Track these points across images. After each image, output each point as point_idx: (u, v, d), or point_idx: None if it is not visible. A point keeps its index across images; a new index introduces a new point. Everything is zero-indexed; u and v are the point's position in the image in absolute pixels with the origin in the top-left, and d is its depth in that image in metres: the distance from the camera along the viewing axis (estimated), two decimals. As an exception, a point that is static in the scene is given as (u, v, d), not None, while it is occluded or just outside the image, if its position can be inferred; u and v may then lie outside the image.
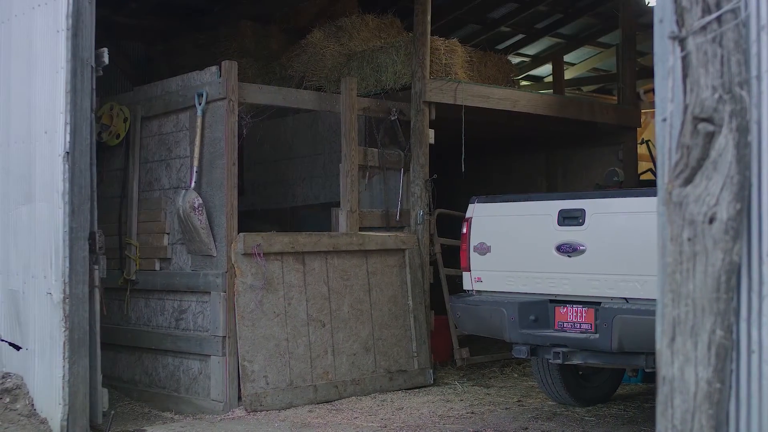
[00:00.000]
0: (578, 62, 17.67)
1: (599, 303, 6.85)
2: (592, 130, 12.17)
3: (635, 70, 12.52)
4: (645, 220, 6.65)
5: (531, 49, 16.87)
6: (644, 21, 13.96)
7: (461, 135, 10.03)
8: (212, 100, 8.44)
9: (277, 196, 11.35)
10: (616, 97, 17.50)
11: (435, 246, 10.05)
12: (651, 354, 6.67)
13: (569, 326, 7.09)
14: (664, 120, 3.65)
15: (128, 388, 9.22)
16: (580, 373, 8.47)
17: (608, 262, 6.82)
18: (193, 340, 8.55)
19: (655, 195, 6.90)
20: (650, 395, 8.94)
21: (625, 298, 6.74)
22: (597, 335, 6.76)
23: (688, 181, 3.43)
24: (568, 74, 18.16)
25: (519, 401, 8.79)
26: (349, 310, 9.04)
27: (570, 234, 7.05)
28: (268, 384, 8.33)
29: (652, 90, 18.67)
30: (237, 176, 8.42)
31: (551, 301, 7.22)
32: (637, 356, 6.74)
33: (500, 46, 15.62)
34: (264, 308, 8.40)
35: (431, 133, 9.94)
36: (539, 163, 13.24)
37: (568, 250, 7.03)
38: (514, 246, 7.47)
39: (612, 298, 6.82)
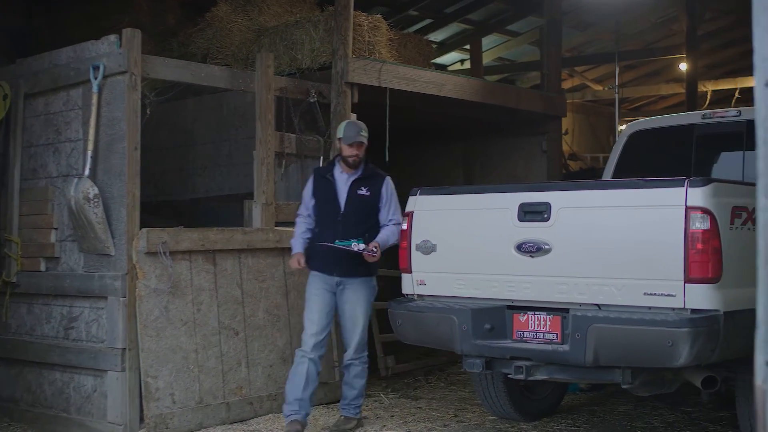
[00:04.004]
0: (483, 51, 16.98)
1: (567, 310, 6.00)
2: (514, 119, 11.40)
3: (560, 56, 11.80)
4: (622, 215, 5.87)
5: (438, 36, 16.10)
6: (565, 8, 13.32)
7: (381, 121, 9.07)
8: (111, 74, 7.27)
9: (174, 187, 10.20)
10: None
11: (357, 243, 9.07)
12: (628, 369, 5.89)
13: (530, 336, 6.21)
14: (769, 85, 2.71)
15: (8, 408, 7.97)
16: (523, 384, 7.63)
17: (579, 263, 5.97)
18: (85, 352, 7.37)
19: (630, 187, 6.16)
20: (594, 406, 8.21)
21: (597, 305, 5.91)
22: (567, 347, 5.91)
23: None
24: (471, 63, 17.49)
25: (456, 416, 7.91)
26: (264, 316, 7.99)
27: (533, 231, 6.17)
28: (174, 403, 7.22)
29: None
30: (140, 162, 7.27)
31: (509, 307, 6.34)
32: (611, 371, 5.92)
33: (406, 31, 14.77)
34: (170, 315, 7.29)
35: (353, 117, 8.96)
36: (456, 154, 12.40)
37: (531, 249, 6.15)
38: (465, 244, 6.55)
39: (581, 305, 5.98)
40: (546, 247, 6.09)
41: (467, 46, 16.79)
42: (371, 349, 9.28)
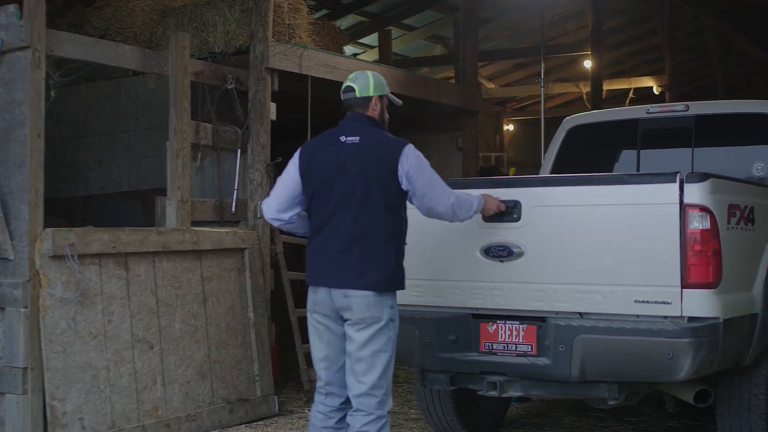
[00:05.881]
0: (376, 45, 16.38)
1: (543, 319, 5.42)
2: (429, 114, 10.80)
3: (477, 49, 11.27)
4: (606, 214, 5.32)
5: (332, 28, 15.42)
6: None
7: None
8: (9, 50, 6.30)
9: (64, 183, 9.17)
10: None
11: (276, 245, 8.31)
12: (614, 383, 5.34)
13: (500, 348, 5.59)
14: None
15: None
16: (469, 397, 7.02)
17: (556, 268, 5.39)
18: (-23, 372, 6.39)
19: (614, 183, 5.63)
20: (537, 418, 7.69)
21: (579, 313, 5.34)
22: (548, 360, 5.32)
23: None
24: (365, 57, 16.89)
25: (394, 433, 7.26)
26: (181, 327, 7.14)
27: (502, 233, 5.55)
28: (84, 428, 6.31)
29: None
30: (44, 152, 6.33)
31: (474, 316, 5.71)
32: (596, 386, 5.36)
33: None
34: (78, 328, 6.37)
35: (273, 107, 8.20)
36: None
37: (500, 253, 5.54)
38: (423, 248, 5.85)
39: (557, 313, 5.41)
40: (517, 250, 5.51)
41: (363, 40, 16.21)
42: (294, 360, 8.60)
